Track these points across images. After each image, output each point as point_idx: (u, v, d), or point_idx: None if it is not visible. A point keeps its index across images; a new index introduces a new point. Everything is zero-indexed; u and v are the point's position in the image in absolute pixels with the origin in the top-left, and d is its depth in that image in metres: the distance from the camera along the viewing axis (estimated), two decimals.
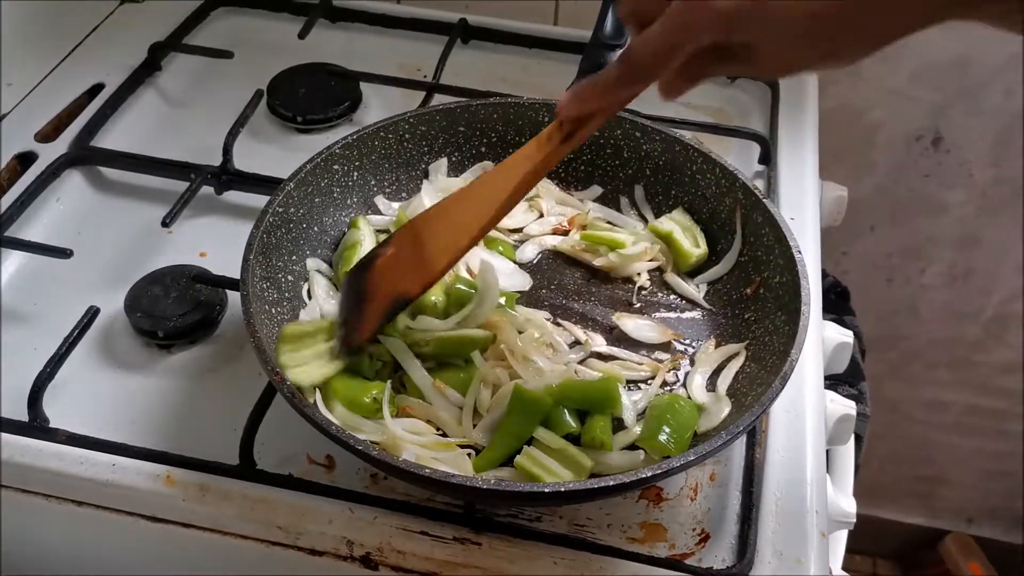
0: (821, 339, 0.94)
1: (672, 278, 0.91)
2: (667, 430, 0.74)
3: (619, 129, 0.95)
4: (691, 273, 0.92)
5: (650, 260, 0.91)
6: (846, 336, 1.02)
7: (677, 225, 0.92)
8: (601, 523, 0.76)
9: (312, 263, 0.88)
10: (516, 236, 0.95)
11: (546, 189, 0.98)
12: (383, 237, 0.86)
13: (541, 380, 0.78)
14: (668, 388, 0.82)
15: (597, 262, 0.92)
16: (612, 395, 0.77)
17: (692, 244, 0.91)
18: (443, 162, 0.97)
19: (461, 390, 0.78)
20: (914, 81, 1.40)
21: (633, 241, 0.92)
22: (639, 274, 0.91)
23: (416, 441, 0.74)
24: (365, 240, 0.89)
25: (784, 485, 0.78)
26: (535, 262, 0.93)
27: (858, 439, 1.12)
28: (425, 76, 1.18)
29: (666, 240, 0.92)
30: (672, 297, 0.90)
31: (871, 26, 0.56)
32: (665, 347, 0.86)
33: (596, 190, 0.98)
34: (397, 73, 1.17)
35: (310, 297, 0.86)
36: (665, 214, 0.94)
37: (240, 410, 0.78)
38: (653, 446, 0.74)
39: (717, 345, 0.85)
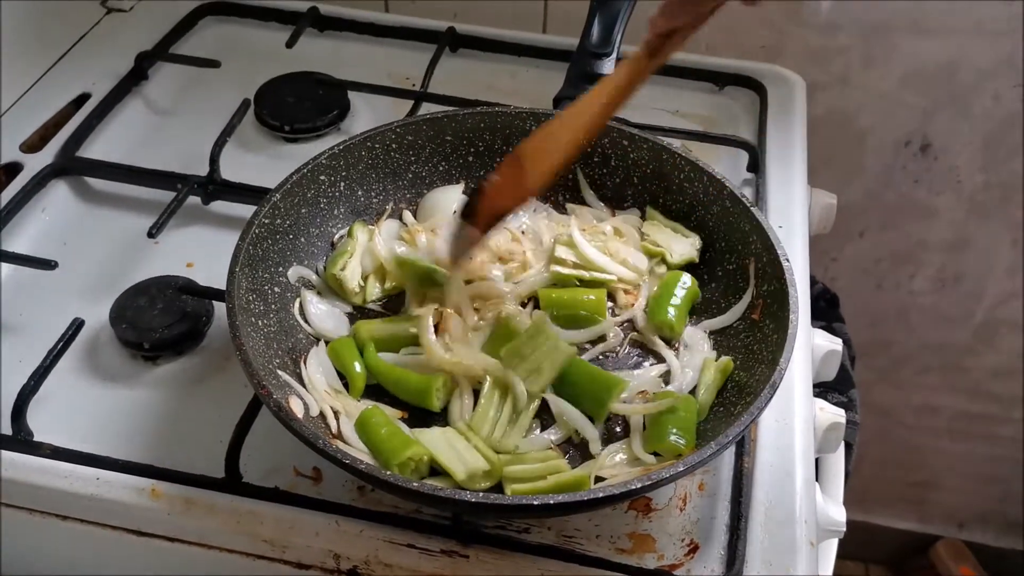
0: (810, 347, 0.94)
1: (647, 335, 0.87)
2: (674, 429, 0.75)
3: (607, 138, 0.95)
4: (695, 315, 0.89)
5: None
6: (835, 344, 1.02)
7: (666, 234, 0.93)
8: (590, 534, 0.75)
9: (295, 272, 0.88)
10: None
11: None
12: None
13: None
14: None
15: None
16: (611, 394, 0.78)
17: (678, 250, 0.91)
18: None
19: None
20: (903, 86, 1.40)
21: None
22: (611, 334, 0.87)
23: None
24: (358, 249, 0.89)
25: (773, 495, 0.78)
26: None
27: (848, 447, 1.11)
28: (413, 85, 1.18)
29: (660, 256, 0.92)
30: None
31: None
32: None
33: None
34: (385, 82, 1.17)
35: (303, 317, 0.86)
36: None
37: (226, 422, 0.77)
38: (666, 448, 0.75)
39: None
